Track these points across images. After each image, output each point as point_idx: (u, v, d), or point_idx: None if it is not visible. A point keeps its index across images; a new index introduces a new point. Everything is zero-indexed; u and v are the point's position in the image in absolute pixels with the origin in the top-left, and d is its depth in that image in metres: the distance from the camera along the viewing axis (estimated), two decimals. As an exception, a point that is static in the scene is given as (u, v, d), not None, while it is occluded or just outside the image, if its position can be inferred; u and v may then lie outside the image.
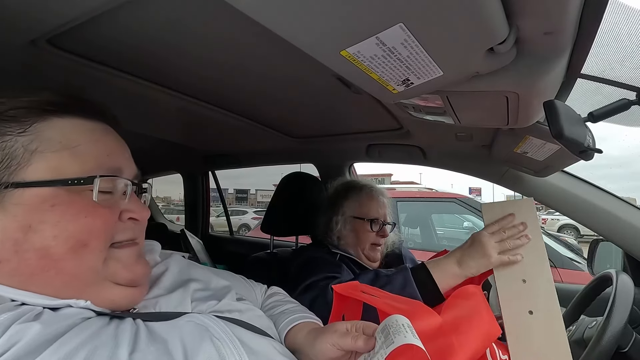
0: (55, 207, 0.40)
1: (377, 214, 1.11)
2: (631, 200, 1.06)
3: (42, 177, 0.40)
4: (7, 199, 0.39)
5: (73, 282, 0.41)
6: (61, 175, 0.41)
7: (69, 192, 0.41)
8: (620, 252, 1.13)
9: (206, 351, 0.42)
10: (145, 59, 0.74)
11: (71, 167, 0.42)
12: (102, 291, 0.43)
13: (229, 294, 0.57)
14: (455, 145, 1.11)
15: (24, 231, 0.39)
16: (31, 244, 0.39)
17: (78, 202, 0.41)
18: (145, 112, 1.10)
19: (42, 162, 0.41)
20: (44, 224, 0.40)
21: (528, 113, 0.66)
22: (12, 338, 0.34)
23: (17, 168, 0.40)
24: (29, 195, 0.40)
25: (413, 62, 0.46)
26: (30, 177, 0.40)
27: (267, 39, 0.62)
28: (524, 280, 0.77)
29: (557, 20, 0.42)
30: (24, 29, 0.61)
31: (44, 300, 0.40)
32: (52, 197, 0.40)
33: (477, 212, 2.92)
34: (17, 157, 0.40)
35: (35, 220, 0.39)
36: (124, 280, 0.45)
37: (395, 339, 0.42)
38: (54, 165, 0.41)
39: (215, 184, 2.44)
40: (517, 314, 0.74)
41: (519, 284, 0.77)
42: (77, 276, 0.41)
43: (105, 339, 0.38)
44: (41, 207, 0.40)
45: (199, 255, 1.94)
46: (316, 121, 1.20)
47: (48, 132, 0.42)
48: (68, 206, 0.41)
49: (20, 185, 0.40)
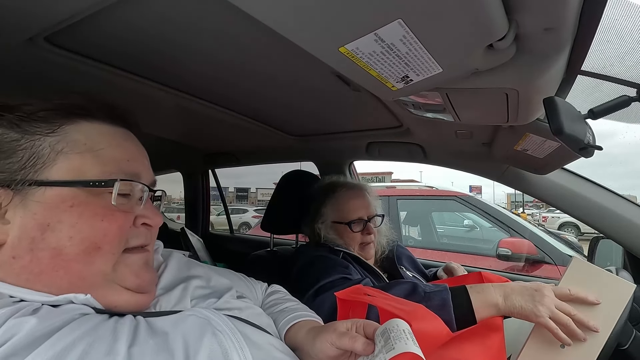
0: (74, 207, 0.41)
1: (358, 214, 1.08)
2: (632, 198, 1.05)
3: (64, 177, 0.41)
4: (29, 196, 0.40)
5: (79, 283, 0.42)
6: (82, 176, 0.42)
7: (88, 194, 0.42)
8: (621, 250, 1.13)
9: (208, 344, 0.42)
10: (144, 56, 0.74)
11: (93, 169, 0.43)
12: (107, 294, 0.43)
13: (229, 292, 0.57)
14: (455, 143, 1.11)
15: (42, 230, 0.40)
16: (47, 243, 0.40)
17: (96, 204, 0.42)
18: (145, 111, 1.10)
19: (65, 163, 0.42)
20: (61, 223, 0.40)
21: (528, 110, 0.66)
22: (7, 332, 0.34)
23: (42, 167, 0.41)
24: (50, 194, 0.41)
25: (412, 59, 0.45)
26: (53, 177, 0.41)
27: (266, 37, 0.62)
28: (562, 345, 0.67)
29: (557, 16, 0.42)
30: (21, 27, 0.60)
31: (43, 297, 0.40)
32: (72, 198, 0.41)
33: (477, 210, 2.92)
34: (44, 156, 0.41)
35: (53, 220, 0.40)
36: (131, 285, 0.45)
37: (396, 345, 0.41)
38: (76, 167, 0.42)
39: (215, 183, 2.44)
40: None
41: (555, 347, 0.67)
42: (84, 278, 0.42)
43: (103, 333, 0.38)
44: (60, 207, 0.41)
45: (199, 253, 1.94)
46: (316, 119, 1.20)
47: (74, 134, 0.43)
48: (86, 208, 0.42)
49: (43, 183, 0.41)
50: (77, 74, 0.78)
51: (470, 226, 3.83)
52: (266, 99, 1.00)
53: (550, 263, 2.43)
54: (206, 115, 1.13)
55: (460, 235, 3.84)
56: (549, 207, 11.99)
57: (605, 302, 0.67)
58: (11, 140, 0.41)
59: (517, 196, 20.02)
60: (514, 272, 2.11)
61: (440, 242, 3.48)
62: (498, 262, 2.55)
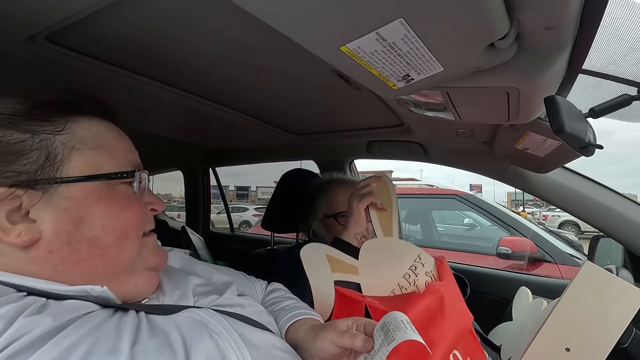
0: (101, 200, 0.43)
1: (346, 206, 1.05)
2: (632, 196, 1.05)
3: (84, 172, 0.43)
4: (56, 194, 0.41)
5: (112, 269, 0.44)
6: (100, 170, 0.44)
7: (108, 187, 0.44)
8: (621, 249, 1.13)
9: (205, 345, 0.42)
10: (145, 55, 0.74)
11: (108, 163, 0.45)
12: (131, 277, 0.46)
13: (229, 289, 0.57)
14: (456, 141, 1.11)
15: (76, 223, 0.42)
16: (84, 234, 0.42)
17: (118, 195, 0.45)
18: (146, 109, 1.10)
19: (80, 159, 0.43)
20: (92, 216, 0.43)
21: (529, 109, 0.65)
22: (17, 332, 0.34)
23: (60, 165, 0.42)
24: (76, 189, 0.42)
25: (413, 58, 0.45)
26: (73, 173, 0.42)
27: (266, 35, 0.62)
28: (568, 349, 0.65)
29: (558, 15, 0.42)
30: (22, 25, 0.60)
31: (60, 287, 0.41)
32: (97, 191, 0.43)
33: (478, 208, 2.91)
34: (59, 154, 0.42)
35: (85, 213, 0.42)
36: (153, 263, 0.49)
37: (397, 336, 0.42)
38: (93, 162, 0.44)
39: (216, 181, 2.44)
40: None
41: (560, 351, 0.66)
42: (117, 264, 0.45)
43: (107, 331, 0.38)
44: (88, 201, 0.42)
45: (199, 252, 1.94)
46: (316, 118, 1.20)
47: (80, 131, 0.45)
48: (110, 199, 0.44)
49: (66, 180, 0.42)
50: (78, 73, 0.78)
51: (470, 225, 3.83)
52: (267, 97, 1.00)
53: (551, 262, 2.43)
54: (207, 114, 1.13)
55: (460, 234, 3.84)
56: (549, 206, 11.98)
57: (615, 309, 0.66)
58: (18, 140, 0.41)
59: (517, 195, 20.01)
60: (515, 270, 2.11)
61: (440, 240, 3.48)
62: (498, 261, 2.55)
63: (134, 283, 0.47)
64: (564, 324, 0.67)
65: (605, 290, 0.67)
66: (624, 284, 0.68)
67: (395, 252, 0.84)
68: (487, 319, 0.93)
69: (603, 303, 0.67)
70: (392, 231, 0.86)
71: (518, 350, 0.71)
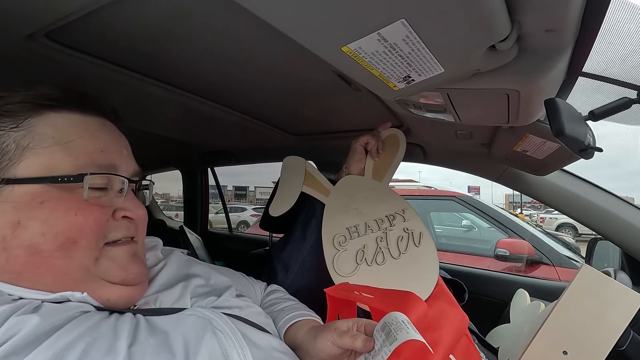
0: (45, 204, 0.40)
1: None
2: (629, 199, 1.05)
3: (32, 173, 0.40)
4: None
5: (63, 279, 0.41)
6: (52, 172, 0.40)
7: (60, 189, 0.41)
8: (618, 251, 1.14)
9: (208, 344, 0.42)
10: (145, 54, 0.74)
11: (63, 164, 0.41)
12: (96, 289, 0.43)
13: (228, 291, 0.57)
14: (455, 143, 1.11)
15: (12, 228, 0.39)
16: (19, 240, 0.39)
17: (68, 199, 0.41)
18: (145, 108, 1.09)
19: (33, 159, 0.40)
20: (32, 220, 0.39)
21: (529, 111, 0.66)
22: (10, 330, 0.33)
23: (8, 164, 0.39)
24: (19, 192, 0.39)
25: (414, 59, 0.45)
26: (20, 174, 0.40)
27: (267, 34, 0.62)
28: (565, 352, 0.66)
29: (559, 18, 0.42)
30: (21, 23, 0.60)
31: (39, 295, 0.39)
32: (42, 194, 0.40)
33: (476, 210, 2.92)
34: (9, 152, 0.40)
35: (24, 217, 0.39)
36: (117, 279, 0.44)
37: (398, 336, 0.42)
38: (45, 162, 0.40)
39: (214, 181, 2.44)
40: None
41: (558, 353, 0.66)
42: (67, 274, 0.41)
43: (104, 331, 0.38)
44: (31, 204, 0.39)
45: (197, 251, 1.93)
46: (316, 118, 1.19)
47: (41, 128, 0.41)
48: (57, 203, 0.40)
49: (10, 181, 0.39)
50: (78, 71, 0.77)
51: (468, 226, 3.83)
52: (266, 97, 1.00)
53: (548, 264, 2.43)
54: (206, 114, 1.13)
55: (458, 236, 3.84)
56: (547, 208, 12.02)
57: (613, 311, 0.67)
58: None
59: (515, 197, 20.05)
60: (512, 272, 2.12)
61: (438, 242, 3.48)
62: (496, 263, 2.55)
63: (106, 297, 0.43)
64: (561, 327, 0.67)
65: (603, 293, 0.68)
66: (622, 287, 0.68)
67: (376, 195, 0.85)
68: (484, 321, 0.93)
69: (601, 306, 0.67)
70: (383, 178, 0.88)
71: (515, 352, 0.71)
